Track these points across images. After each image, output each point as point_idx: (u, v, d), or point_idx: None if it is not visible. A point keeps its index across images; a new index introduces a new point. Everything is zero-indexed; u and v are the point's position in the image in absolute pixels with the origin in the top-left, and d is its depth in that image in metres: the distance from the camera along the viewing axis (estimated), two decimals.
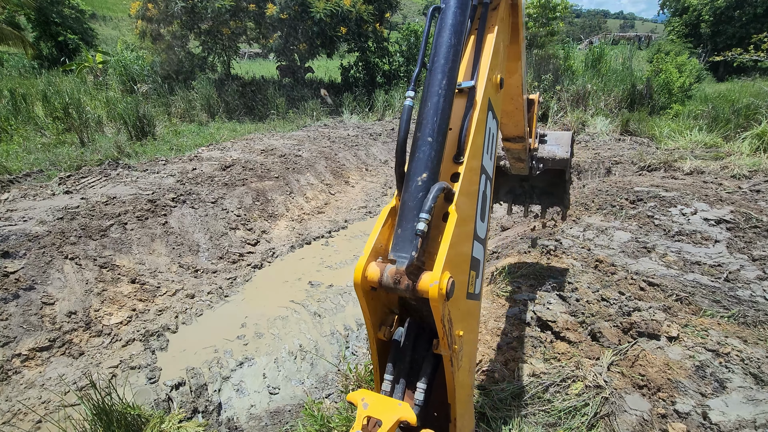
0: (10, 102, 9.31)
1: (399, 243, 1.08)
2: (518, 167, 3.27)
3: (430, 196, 1.04)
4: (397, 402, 1.08)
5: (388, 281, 1.04)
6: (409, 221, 1.08)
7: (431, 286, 0.96)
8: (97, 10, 33.91)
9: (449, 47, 1.16)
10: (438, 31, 1.19)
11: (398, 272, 1.03)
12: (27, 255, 4.20)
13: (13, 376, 3.30)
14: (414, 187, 1.10)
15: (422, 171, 1.10)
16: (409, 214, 1.09)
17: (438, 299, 0.96)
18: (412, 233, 1.03)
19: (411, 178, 1.11)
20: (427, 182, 1.09)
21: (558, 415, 2.54)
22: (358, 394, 1.10)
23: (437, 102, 1.13)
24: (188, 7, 11.62)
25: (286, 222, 6.41)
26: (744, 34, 19.99)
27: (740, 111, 8.90)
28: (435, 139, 1.12)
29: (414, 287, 1.00)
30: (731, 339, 3.01)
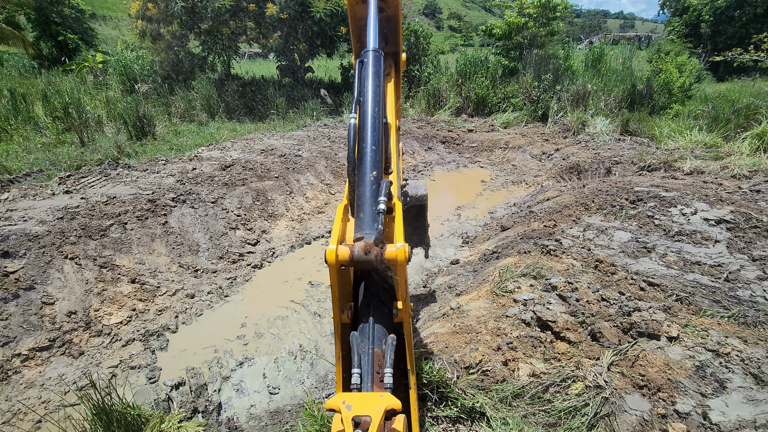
0: (10, 102, 9.31)
1: (362, 225, 1.32)
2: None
3: (384, 186, 1.32)
4: (379, 395, 1.13)
5: (359, 254, 1.25)
6: (367, 207, 1.33)
7: (396, 249, 1.19)
8: (97, 10, 33.91)
9: (375, 86, 1.56)
10: (364, 77, 1.60)
11: (367, 245, 1.25)
12: (27, 255, 4.20)
13: (13, 376, 3.30)
14: (367, 182, 1.37)
15: (372, 170, 1.40)
16: (367, 202, 1.35)
17: (403, 262, 1.19)
18: (372, 216, 1.29)
19: (363, 176, 1.40)
20: (377, 177, 1.38)
21: (558, 415, 2.54)
22: (337, 399, 1.13)
23: (373, 122, 1.48)
24: (188, 6, 11.61)
25: (286, 222, 6.41)
26: (744, 34, 19.99)
27: (740, 111, 8.90)
28: (378, 147, 1.45)
29: (382, 255, 1.22)
30: (731, 339, 3.01)
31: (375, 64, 1.61)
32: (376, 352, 1.28)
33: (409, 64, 2.91)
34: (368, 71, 1.61)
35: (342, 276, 1.35)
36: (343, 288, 1.40)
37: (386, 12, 2.01)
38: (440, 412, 2.48)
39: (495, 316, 3.50)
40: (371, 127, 1.48)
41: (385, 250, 1.22)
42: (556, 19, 13.61)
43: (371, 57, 1.64)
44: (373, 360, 1.26)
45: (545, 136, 10.55)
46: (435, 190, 8.36)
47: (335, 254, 1.26)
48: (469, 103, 13.09)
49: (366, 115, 1.51)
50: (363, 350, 1.28)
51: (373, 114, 1.50)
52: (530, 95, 12.43)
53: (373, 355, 1.27)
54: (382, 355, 1.27)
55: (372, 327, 1.32)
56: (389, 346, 1.27)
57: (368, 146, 1.45)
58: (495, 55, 14.70)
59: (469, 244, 5.92)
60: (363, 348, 1.29)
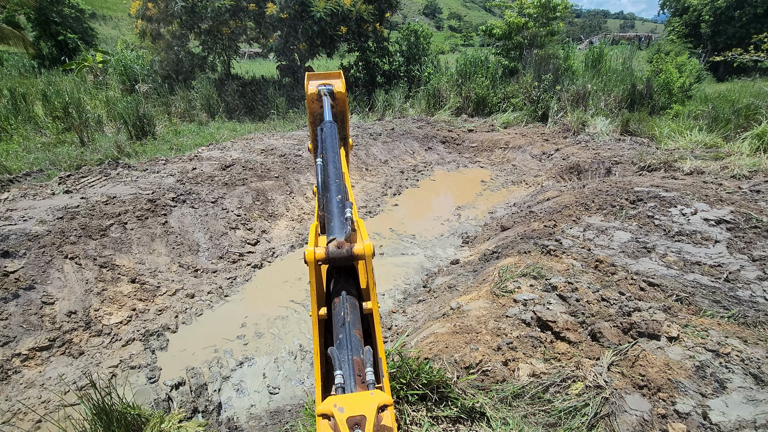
0: (10, 101, 9.30)
1: (333, 230, 1.60)
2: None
3: (348, 204, 1.66)
4: (369, 392, 1.18)
5: (333, 250, 1.49)
6: (336, 217, 1.65)
7: (365, 244, 1.42)
8: (97, 10, 33.89)
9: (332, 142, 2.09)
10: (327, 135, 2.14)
11: (339, 243, 1.50)
12: (27, 254, 4.20)
13: (13, 376, 3.30)
14: (335, 201, 1.73)
15: (338, 194, 1.76)
16: (335, 215, 1.67)
17: (370, 254, 1.43)
18: (341, 222, 1.59)
19: (331, 198, 1.77)
20: (342, 200, 1.72)
21: (558, 415, 2.54)
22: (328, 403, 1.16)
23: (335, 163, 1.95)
24: (188, 6, 11.61)
25: (286, 222, 6.41)
26: (744, 34, 19.99)
27: (740, 111, 8.90)
28: (340, 180, 1.88)
29: (351, 249, 1.47)
30: (731, 339, 3.01)
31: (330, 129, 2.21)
32: (356, 360, 1.39)
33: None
34: (326, 133, 2.18)
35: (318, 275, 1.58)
36: (320, 286, 1.63)
37: (336, 108, 2.61)
38: (440, 412, 2.48)
39: (495, 316, 3.50)
40: (333, 166, 1.93)
41: (354, 246, 1.47)
42: (556, 19, 13.61)
43: (327, 125, 2.24)
44: (353, 365, 1.37)
45: (545, 136, 10.55)
46: (435, 190, 8.36)
47: (313, 253, 1.48)
48: (469, 103, 13.09)
49: (328, 159, 1.99)
50: (343, 359, 1.40)
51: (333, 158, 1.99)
52: (530, 95, 12.43)
53: (352, 361, 1.39)
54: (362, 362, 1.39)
55: (349, 337, 1.47)
56: (367, 353, 1.42)
57: (332, 179, 1.85)
58: (495, 55, 14.70)
59: (469, 244, 5.92)
60: (342, 357, 1.41)
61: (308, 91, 2.54)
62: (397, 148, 10.15)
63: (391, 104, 13.27)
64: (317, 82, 2.62)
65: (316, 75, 2.67)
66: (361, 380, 1.31)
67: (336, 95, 2.58)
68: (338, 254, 1.48)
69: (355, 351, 1.40)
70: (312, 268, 1.49)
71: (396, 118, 12.68)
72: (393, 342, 3.58)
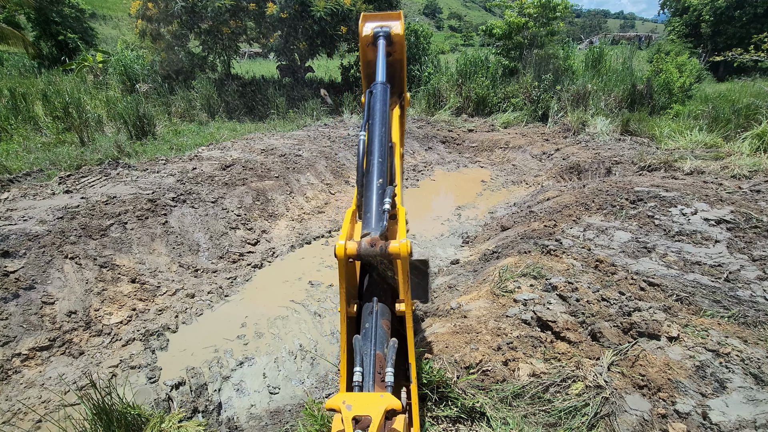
0: (10, 101, 9.30)
1: (368, 224, 1.46)
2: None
3: (389, 190, 1.47)
4: (379, 395, 1.16)
5: (365, 247, 1.37)
6: (374, 208, 1.48)
7: (401, 243, 1.31)
8: (97, 10, 33.90)
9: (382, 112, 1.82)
10: (374, 103, 1.87)
11: (373, 239, 1.38)
12: (27, 254, 4.20)
13: (13, 376, 3.30)
14: (374, 188, 1.55)
15: (378, 177, 1.58)
16: (373, 204, 1.50)
17: (405, 255, 1.31)
18: (379, 215, 1.43)
19: (370, 183, 1.58)
20: (383, 185, 1.55)
21: (558, 415, 2.54)
22: (337, 399, 1.15)
23: (380, 138, 1.71)
24: (188, 6, 11.61)
25: (287, 222, 6.41)
26: (744, 34, 19.98)
27: (740, 111, 8.90)
28: (384, 160, 1.64)
29: (386, 248, 1.34)
30: (731, 339, 3.01)
31: (382, 94, 1.90)
32: (378, 355, 1.33)
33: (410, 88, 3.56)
34: (376, 99, 1.88)
35: (348, 271, 1.46)
36: (350, 283, 1.51)
37: (393, 56, 2.27)
38: (440, 412, 2.48)
39: (495, 316, 3.50)
40: (378, 143, 1.69)
41: (389, 244, 1.34)
42: (556, 19, 13.60)
43: (379, 88, 1.94)
44: (374, 361, 1.31)
45: (545, 136, 10.55)
46: (435, 190, 8.36)
47: (344, 248, 1.37)
48: (469, 103, 13.09)
49: (374, 133, 1.73)
50: (365, 352, 1.33)
51: (380, 133, 1.72)
52: (530, 95, 12.43)
53: (374, 356, 1.32)
54: (384, 358, 1.32)
55: (374, 329, 1.38)
56: (390, 349, 1.33)
57: (375, 159, 1.64)
58: (495, 55, 14.69)
59: (469, 244, 5.92)
60: (365, 350, 1.34)
61: (362, 33, 2.23)
62: None
63: None
64: (373, 24, 2.25)
65: (372, 16, 2.32)
66: (381, 379, 1.28)
67: (393, 39, 2.23)
68: (371, 252, 1.36)
69: (380, 344, 1.35)
70: (342, 264, 1.38)
71: None
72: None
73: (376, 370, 1.30)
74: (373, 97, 1.92)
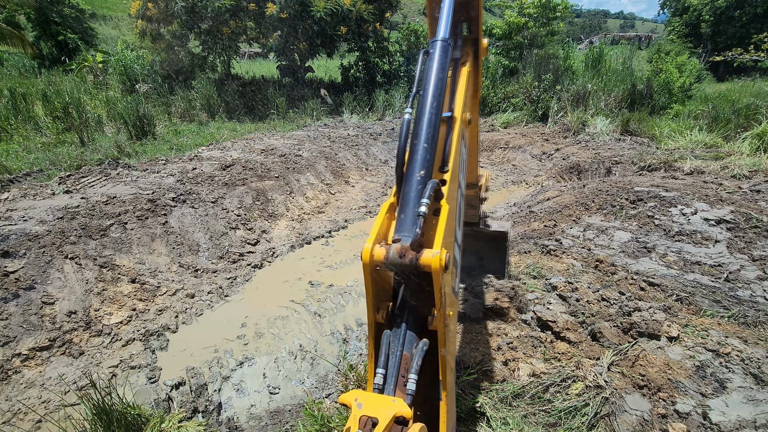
0: (10, 101, 9.30)
1: (402, 226, 1.26)
2: (470, 214, 3.63)
3: (429, 187, 1.25)
4: (391, 399, 1.11)
5: (394, 256, 1.19)
6: (410, 208, 1.27)
7: (433, 256, 1.12)
8: (97, 10, 33.88)
9: (438, 79, 1.50)
10: (428, 68, 1.54)
11: (403, 248, 1.19)
12: (27, 254, 4.20)
13: (13, 376, 3.30)
14: (414, 181, 1.32)
15: (420, 169, 1.34)
16: (410, 203, 1.28)
17: (438, 269, 1.12)
18: (414, 217, 1.22)
19: (410, 175, 1.34)
20: (424, 178, 1.32)
21: (558, 415, 2.54)
22: (350, 395, 1.12)
23: (430, 118, 1.42)
24: (188, 6, 11.61)
25: (286, 222, 6.41)
26: (744, 34, 19.97)
27: (740, 111, 8.90)
28: (430, 145, 1.38)
29: (417, 260, 1.15)
30: (731, 339, 3.01)
31: (441, 56, 1.53)
32: (405, 355, 1.24)
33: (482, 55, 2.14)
34: (433, 63, 1.53)
35: (379, 274, 1.30)
36: (380, 287, 1.34)
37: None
38: None
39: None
40: (426, 122, 1.41)
41: (421, 255, 1.15)
42: (556, 19, 13.61)
43: (438, 48, 1.55)
44: (400, 362, 1.23)
45: (545, 136, 10.55)
46: None
47: (370, 253, 1.21)
48: None
49: (423, 109, 1.44)
50: (392, 351, 1.25)
51: (431, 109, 1.43)
52: (530, 95, 12.43)
53: (401, 357, 1.24)
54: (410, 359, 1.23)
55: (404, 329, 1.28)
56: (419, 351, 1.22)
57: (420, 143, 1.37)
58: (495, 55, 14.69)
59: None
60: (392, 348, 1.25)
61: None
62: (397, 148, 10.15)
63: (391, 104, 13.27)
64: None
65: None
66: (404, 383, 1.19)
67: None
68: (399, 263, 1.17)
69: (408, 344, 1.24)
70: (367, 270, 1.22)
71: (396, 117, 12.67)
72: None
73: (400, 372, 1.22)
74: (429, 61, 1.55)
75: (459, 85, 1.75)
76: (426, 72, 1.53)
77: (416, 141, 1.39)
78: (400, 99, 13.44)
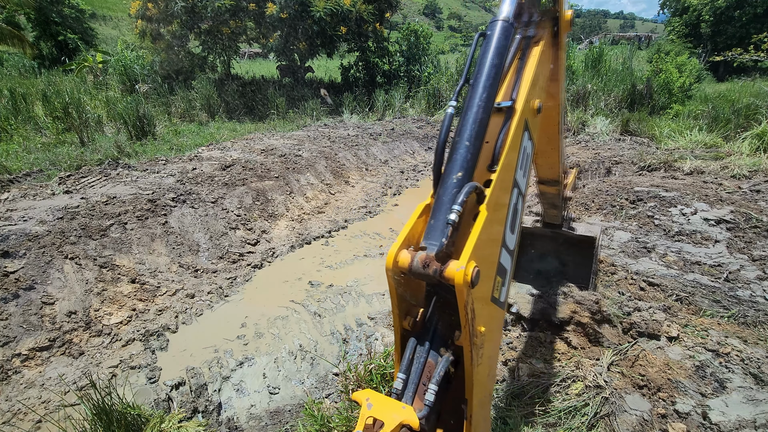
0: (9, 102, 9.30)
1: (431, 232, 1.16)
2: (551, 214, 3.35)
3: (463, 191, 1.13)
4: (401, 405, 1.07)
5: (417, 266, 1.10)
6: (441, 213, 1.15)
7: (457, 270, 1.02)
8: (97, 10, 33.90)
9: (492, 66, 1.31)
10: (482, 53, 1.34)
11: (428, 257, 1.09)
12: (27, 255, 4.20)
13: (13, 376, 3.30)
14: (449, 184, 1.19)
15: (458, 170, 1.20)
16: (442, 207, 1.17)
17: (463, 285, 1.01)
18: (444, 224, 1.11)
19: (447, 176, 1.21)
20: (461, 180, 1.18)
21: (558, 415, 2.54)
22: (363, 394, 1.10)
23: (476, 112, 1.26)
24: (188, 6, 11.61)
25: (286, 222, 6.41)
26: (744, 34, 19.98)
27: (740, 111, 8.90)
28: (472, 144, 1.23)
29: (441, 272, 1.05)
30: (731, 339, 3.01)
31: (500, 39, 1.33)
32: (429, 363, 1.18)
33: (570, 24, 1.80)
34: (489, 47, 1.32)
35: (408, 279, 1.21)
36: (409, 292, 1.25)
37: None
38: None
39: None
40: (473, 117, 1.25)
41: (446, 268, 1.05)
42: None
43: (497, 29, 1.35)
44: (422, 370, 1.17)
45: None
46: None
47: (394, 259, 1.12)
48: None
49: (471, 101, 1.27)
50: (417, 356, 1.19)
51: (480, 101, 1.26)
52: None
53: (424, 364, 1.17)
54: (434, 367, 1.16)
55: (432, 335, 1.21)
56: (443, 361, 1.15)
57: (462, 141, 1.23)
58: None
59: None
60: (417, 353, 1.19)
61: None
62: (397, 148, 10.15)
63: (391, 104, 13.28)
64: None
65: None
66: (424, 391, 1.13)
67: None
68: (423, 274, 1.09)
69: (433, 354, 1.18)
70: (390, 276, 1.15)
71: (396, 118, 12.68)
72: (393, 342, 3.58)
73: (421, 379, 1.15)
74: (485, 44, 1.36)
75: (526, 69, 1.53)
76: (479, 58, 1.33)
77: (458, 138, 1.25)
78: (400, 99, 13.45)
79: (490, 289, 1.27)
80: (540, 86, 1.63)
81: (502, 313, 1.44)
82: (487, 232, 1.17)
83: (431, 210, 1.21)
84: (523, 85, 1.47)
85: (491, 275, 1.29)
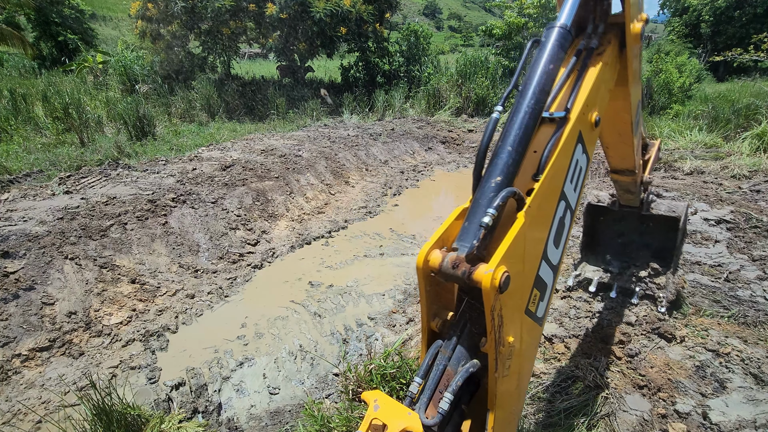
0: (10, 102, 9.30)
1: (464, 234, 1.16)
2: (626, 198, 3.26)
3: (500, 195, 1.11)
4: (408, 411, 1.06)
5: (447, 266, 1.10)
6: (476, 216, 1.15)
7: (485, 273, 1.01)
8: (97, 10, 33.92)
9: (543, 73, 1.29)
10: (535, 59, 1.33)
11: (458, 259, 1.09)
12: (27, 255, 4.20)
13: (13, 376, 3.30)
14: (487, 187, 1.19)
15: (497, 175, 1.19)
16: (478, 210, 1.17)
17: (490, 289, 1.00)
18: (477, 226, 1.10)
19: (486, 180, 1.21)
20: (500, 185, 1.18)
21: (558, 415, 2.54)
22: (372, 395, 1.09)
23: (523, 117, 1.25)
24: (188, 7, 11.62)
25: (286, 222, 6.41)
26: (744, 34, 20.00)
27: (740, 111, 8.90)
28: (515, 149, 1.22)
29: (470, 274, 1.05)
30: (731, 339, 3.01)
31: (555, 47, 1.30)
32: (448, 371, 1.16)
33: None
34: (542, 54, 1.30)
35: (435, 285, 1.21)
36: (438, 293, 1.24)
37: None
38: None
39: None
40: (519, 123, 1.23)
41: (475, 270, 1.04)
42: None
43: (553, 36, 1.32)
44: (440, 377, 1.15)
45: None
46: (435, 190, 8.36)
47: (425, 258, 1.12)
48: (469, 104, 13.10)
49: (518, 107, 1.26)
50: (437, 362, 1.18)
51: (527, 108, 1.24)
52: None
53: (443, 371, 1.16)
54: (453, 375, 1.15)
55: (456, 342, 1.19)
56: (463, 370, 1.12)
57: (505, 146, 1.22)
58: (495, 56, 14.71)
59: None
60: (439, 359, 1.18)
61: None
62: (397, 148, 10.15)
63: (391, 104, 13.28)
64: None
65: None
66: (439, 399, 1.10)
67: None
68: (452, 275, 1.09)
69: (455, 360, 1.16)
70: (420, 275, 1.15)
71: (396, 118, 12.67)
72: (393, 342, 3.57)
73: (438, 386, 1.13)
74: (539, 50, 1.33)
75: (585, 81, 1.47)
76: (531, 64, 1.31)
77: (501, 143, 1.24)
78: (400, 99, 13.45)
79: (524, 300, 1.25)
80: (600, 99, 1.59)
81: (539, 329, 1.40)
82: (525, 240, 1.15)
83: (468, 212, 1.20)
84: (579, 98, 1.42)
85: (527, 286, 1.26)
